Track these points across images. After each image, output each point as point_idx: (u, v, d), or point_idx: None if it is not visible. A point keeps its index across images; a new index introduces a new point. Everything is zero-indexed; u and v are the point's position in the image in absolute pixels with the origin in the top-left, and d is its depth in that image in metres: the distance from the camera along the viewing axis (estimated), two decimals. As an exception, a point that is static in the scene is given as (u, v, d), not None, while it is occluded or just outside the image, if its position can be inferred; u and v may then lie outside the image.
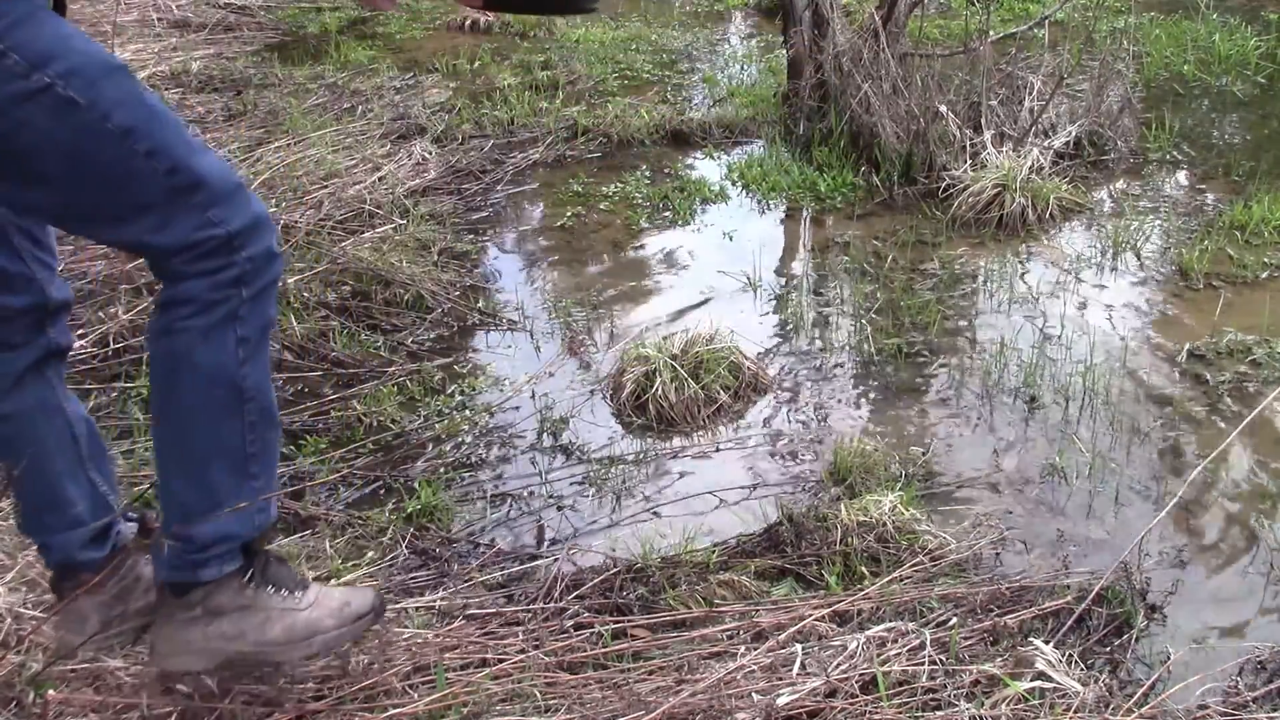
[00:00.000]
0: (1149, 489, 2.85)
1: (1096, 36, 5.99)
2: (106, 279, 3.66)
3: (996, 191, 4.43)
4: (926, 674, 2.00)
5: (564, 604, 2.37)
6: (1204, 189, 4.71)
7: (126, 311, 3.50)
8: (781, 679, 1.97)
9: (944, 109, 4.78)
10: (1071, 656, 2.08)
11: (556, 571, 2.50)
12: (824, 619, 2.23)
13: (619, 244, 4.44)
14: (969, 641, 2.16)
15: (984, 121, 4.80)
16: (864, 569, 2.47)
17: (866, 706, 1.92)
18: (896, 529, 2.57)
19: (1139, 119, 5.27)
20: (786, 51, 5.46)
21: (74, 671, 1.89)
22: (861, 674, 1.99)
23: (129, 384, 3.24)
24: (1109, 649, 2.24)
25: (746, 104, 5.76)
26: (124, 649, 1.89)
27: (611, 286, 4.09)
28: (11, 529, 2.33)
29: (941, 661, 2.04)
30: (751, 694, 1.93)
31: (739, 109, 5.70)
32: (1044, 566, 2.51)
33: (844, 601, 2.30)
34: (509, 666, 2.07)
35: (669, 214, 4.66)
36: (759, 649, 2.09)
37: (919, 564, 2.47)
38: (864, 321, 3.75)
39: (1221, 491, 2.82)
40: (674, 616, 2.32)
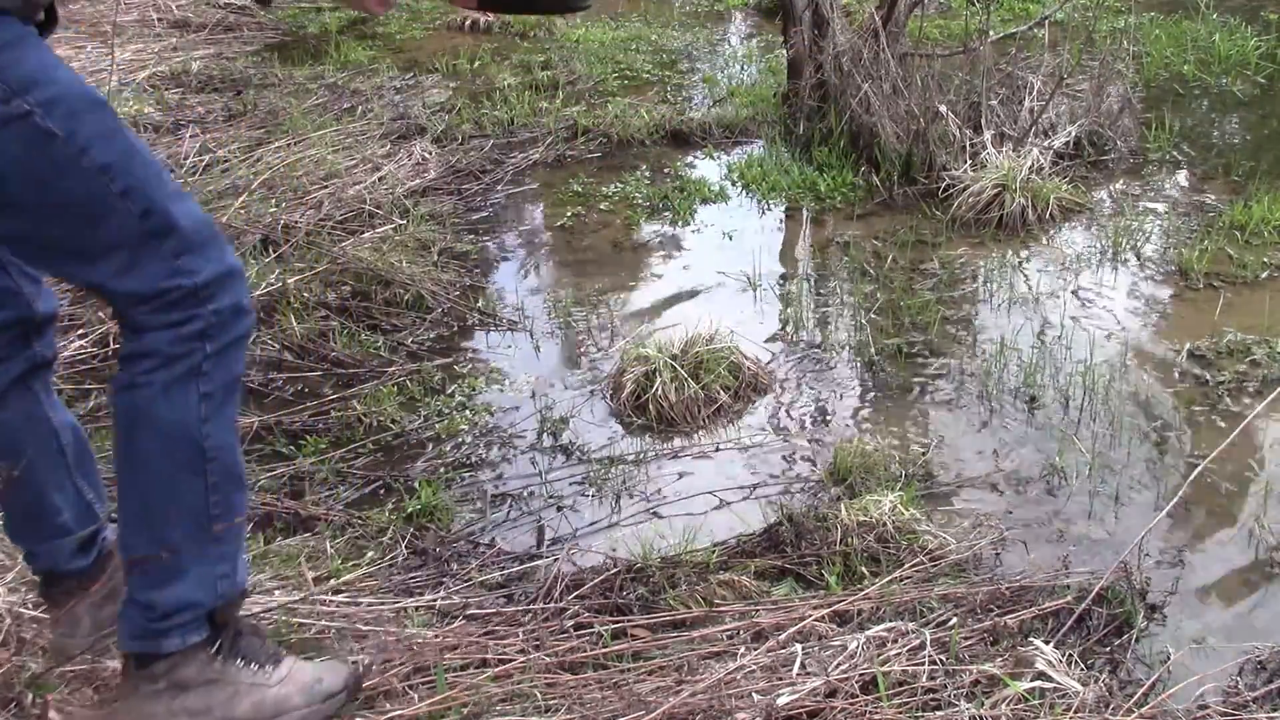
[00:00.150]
0: (1149, 489, 2.85)
1: (1096, 36, 5.98)
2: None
3: (996, 191, 4.43)
4: (926, 674, 2.00)
5: (564, 604, 2.36)
6: (1204, 189, 4.71)
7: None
8: (781, 679, 1.97)
9: (944, 109, 4.78)
10: (1071, 656, 2.08)
11: (556, 571, 2.50)
12: (824, 619, 2.23)
13: (619, 244, 4.44)
14: (969, 641, 2.16)
15: (984, 121, 4.80)
16: (864, 569, 2.47)
17: (866, 706, 1.91)
18: (896, 529, 2.57)
19: (1139, 119, 5.27)
20: (786, 51, 5.46)
21: (72, 672, 1.89)
22: (861, 674, 1.99)
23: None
24: (1109, 649, 2.24)
25: (746, 104, 5.76)
26: (119, 650, 1.88)
27: (611, 286, 4.09)
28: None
29: (941, 661, 2.03)
30: (751, 694, 1.93)
31: (739, 109, 5.70)
32: (1044, 566, 2.51)
33: (844, 601, 2.30)
34: (509, 667, 2.07)
35: (669, 214, 4.66)
36: (759, 649, 2.09)
37: (919, 564, 2.47)
38: (864, 321, 3.75)
39: (1221, 491, 2.82)
40: (674, 616, 2.32)
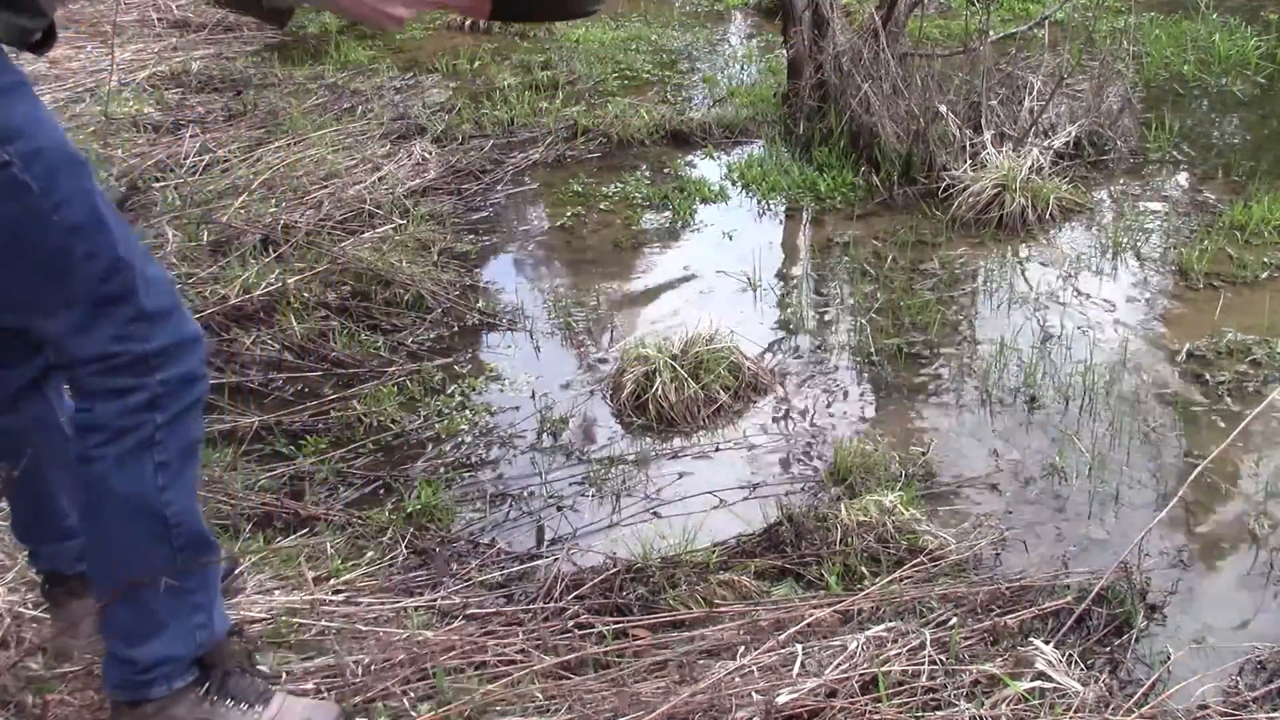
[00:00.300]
0: (1149, 489, 2.85)
1: (1096, 36, 5.98)
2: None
3: (996, 191, 4.43)
4: (926, 674, 2.00)
5: (564, 604, 2.36)
6: (1204, 189, 4.71)
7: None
8: (781, 679, 1.97)
9: (944, 109, 4.78)
10: (1071, 656, 2.08)
11: (556, 571, 2.50)
12: (824, 619, 2.23)
13: (619, 244, 4.44)
14: (969, 641, 2.15)
15: (984, 121, 4.79)
16: (864, 569, 2.47)
17: (866, 706, 1.91)
18: (896, 529, 2.58)
19: (1139, 119, 5.27)
20: (786, 51, 5.46)
21: (72, 673, 1.89)
22: (862, 674, 1.99)
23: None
24: (1109, 649, 2.24)
25: (746, 104, 5.76)
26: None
27: (611, 286, 4.09)
28: (10, 530, 2.33)
29: (941, 661, 2.03)
30: (751, 694, 1.93)
31: (739, 109, 5.70)
32: (1044, 566, 2.51)
33: (844, 601, 2.30)
34: (509, 667, 2.07)
35: (669, 214, 4.66)
36: (759, 649, 2.09)
37: (919, 564, 2.47)
38: (864, 321, 3.75)
39: (1221, 491, 2.82)
40: (674, 616, 2.32)
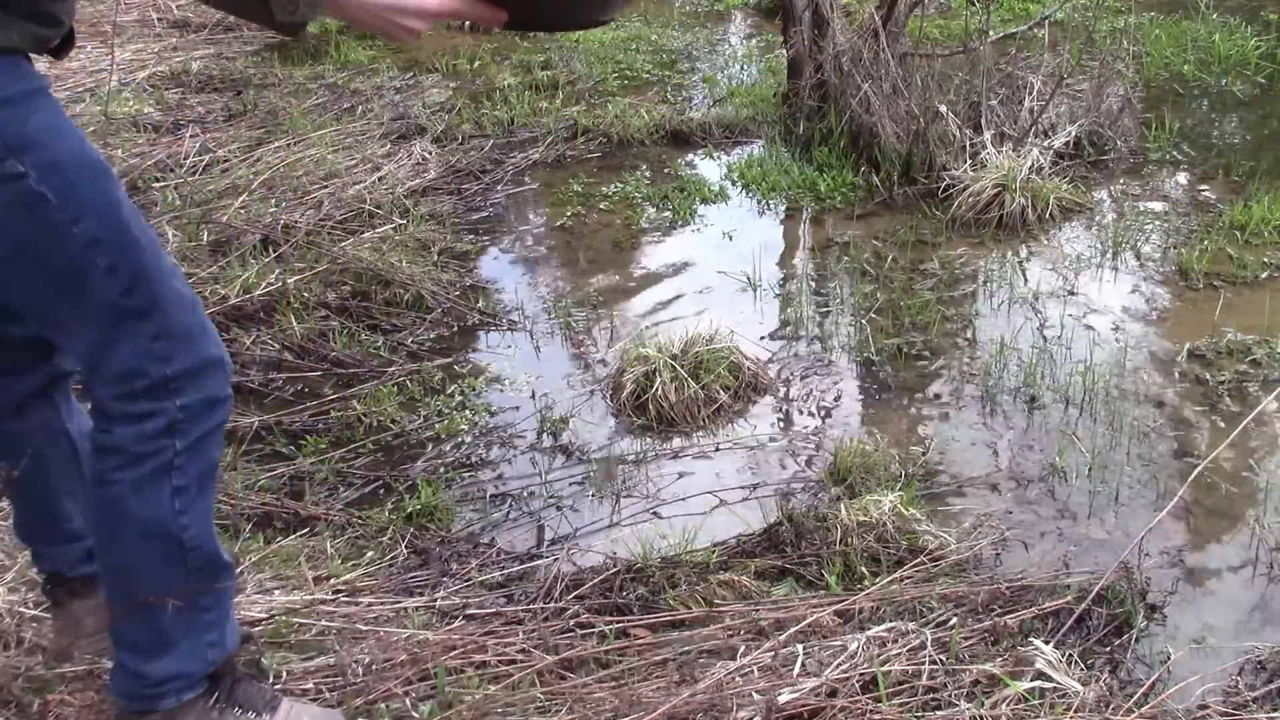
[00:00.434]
0: (1149, 489, 2.85)
1: (1096, 36, 5.98)
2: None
3: (996, 191, 4.43)
4: (927, 674, 2.00)
5: (564, 604, 2.36)
6: (1204, 189, 4.71)
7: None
8: (782, 679, 1.97)
9: (944, 109, 4.78)
10: (1071, 656, 2.08)
11: (556, 571, 2.50)
12: (824, 619, 2.22)
13: (619, 244, 4.44)
14: (969, 641, 2.15)
15: (984, 121, 4.79)
16: (864, 569, 2.47)
17: (867, 706, 1.91)
18: (896, 529, 2.57)
19: (1139, 119, 5.27)
20: (786, 51, 5.46)
21: (72, 673, 1.89)
22: (862, 674, 1.99)
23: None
24: (1109, 649, 2.24)
25: (746, 104, 5.76)
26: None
27: (611, 286, 4.09)
28: (11, 530, 2.33)
29: (942, 661, 2.03)
30: (752, 693, 1.93)
31: (739, 109, 5.70)
32: (1044, 566, 2.51)
33: (844, 601, 2.30)
34: (509, 667, 2.07)
35: (669, 214, 4.66)
36: (759, 649, 2.09)
37: (919, 564, 2.47)
38: (864, 321, 3.74)
39: (1221, 491, 2.82)
40: (674, 616, 2.32)
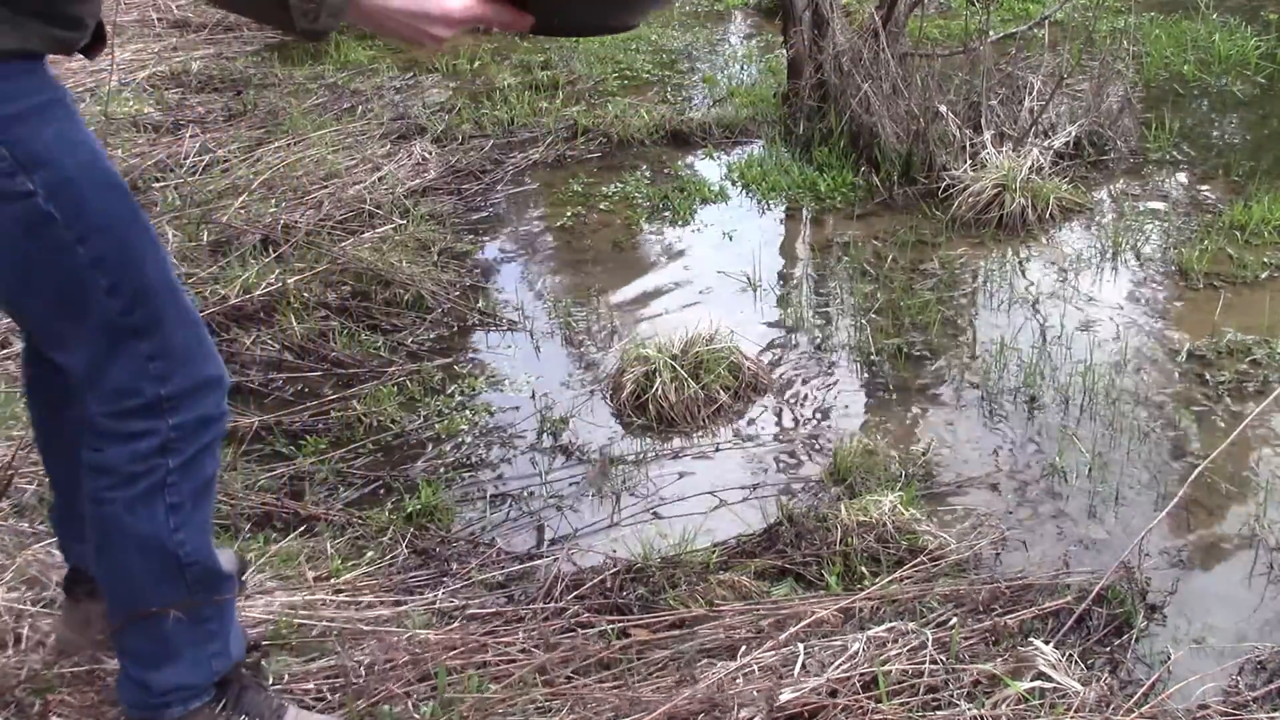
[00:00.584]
0: (1149, 489, 2.85)
1: (1096, 36, 5.98)
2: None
3: (996, 191, 4.43)
4: (927, 673, 2.00)
5: (564, 604, 2.36)
6: (1204, 189, 4.71)
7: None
8: (782, 678, 1.97)
9: (944, 109, 4.78)
10: (1072, 656, 2.08)
11: (556, 571, 2.50)
12: (825, 619, 2.22)
13: (619, 244, 4.44)
14: (969, 641, 2.15)
15: (984, 121, 4.79)
16: (864, 569, 2.47)
17: (868, 706, 1.91)
18: (896, 529, 2.57)
19: (1139, 119, 5.27)
20: (786, 51, 5.46)
21: (73, 672, 1.89)
22: (862, 673, 1.99)
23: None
24: (1109, 649, 2.24)
25: (746, 104, 5.76)
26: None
27: (611, 286, 4.09)
28: (11, 529, 2.34)
29: (942, 661, 2.03)
30: (753, 693, 1.93)
31: (739, 109, 5.70)
32: (1044, 566, 2.51)
33: (844, 601, 2.30)
34: (510, 667, 2.07)
35: (669, 214, 4.66)
36: (760, 648, 2.09)
37: (919, 564, 2.47)
38: (864, 321, 3.75)
39: (1221, 491, 2.82)
40: (674, 616, 2.32)
